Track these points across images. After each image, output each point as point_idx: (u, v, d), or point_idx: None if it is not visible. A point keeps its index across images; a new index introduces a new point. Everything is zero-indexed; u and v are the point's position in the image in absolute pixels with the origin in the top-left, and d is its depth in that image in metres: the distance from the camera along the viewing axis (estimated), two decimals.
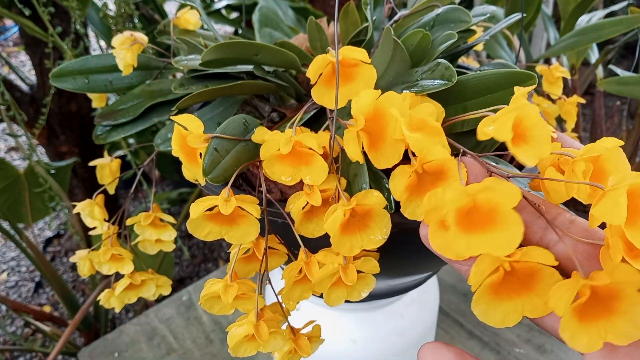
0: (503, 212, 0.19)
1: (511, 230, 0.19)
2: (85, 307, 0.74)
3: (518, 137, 0.20)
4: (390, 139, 0.22)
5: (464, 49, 0.35)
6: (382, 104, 0.22)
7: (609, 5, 0.79)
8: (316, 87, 0.25)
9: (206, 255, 1.47)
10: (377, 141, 0.23)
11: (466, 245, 0.20)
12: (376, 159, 0.23)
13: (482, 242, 0.20)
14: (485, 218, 0.20)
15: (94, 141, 0.37)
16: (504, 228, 0.19)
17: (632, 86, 0.55)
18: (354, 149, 0.23)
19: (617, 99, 0.74)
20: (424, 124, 0.22)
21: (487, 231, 0.20)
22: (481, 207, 0.20)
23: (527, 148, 0.20)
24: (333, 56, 0.24)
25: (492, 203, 0.20)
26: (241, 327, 0.26)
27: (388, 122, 0.22)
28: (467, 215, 0.20)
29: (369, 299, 0.29)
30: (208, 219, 0.25)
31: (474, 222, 0.20)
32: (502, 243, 0.19)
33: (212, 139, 0.26)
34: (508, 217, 0.19)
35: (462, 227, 0.20)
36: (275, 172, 0.25)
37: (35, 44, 0.90)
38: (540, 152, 0.20)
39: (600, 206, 0.19)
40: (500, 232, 0.19)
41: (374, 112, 0.23)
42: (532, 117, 0.20)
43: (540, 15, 0.69)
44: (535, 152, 0.20)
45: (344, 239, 0.24)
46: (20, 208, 0.87)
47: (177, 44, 0.40)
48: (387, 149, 0.22)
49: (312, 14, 0.86)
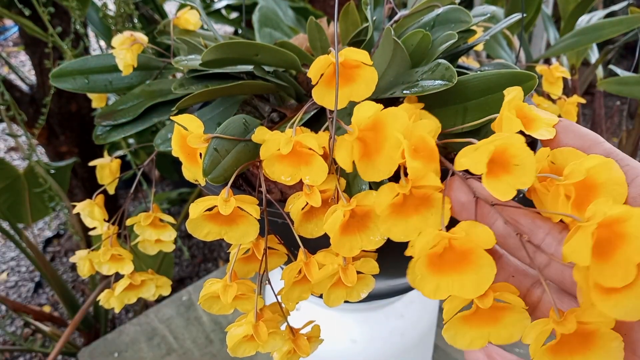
0: (476, 254, 0.20)
1: (482, 272, 0.20)
2: (85, 307, 0.74)
3: (500, 167, 0.20)
4: (386, 154, 0.22)
5: (464, 49, 0.35)
6: (385, 118, 0.22)
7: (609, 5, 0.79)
8: (317, 88, 0.25)
9: (206, 255, 1.47)
10: (372, 153, 0.23)
11: (435, 287, 0.21)
12: (365, 171, 0.23)
13: (452, 284, 0.20)
14: (458, 258, 0.20)
15: (94, 141, 0.37)
16: (476, 270, 0.20)
17: (632, 86, 0.55)
18: (343, 157, 0.23)
19: (617, 99, 0.74)
20: (423, 144, 0.22)
21: (459, 272, 0.20)
22: (455, 248, 0.20)
23: (506, 179, 0.19)
24: (333, 57, 0.24)
25: (466, 246, 0.20)
26: (240, 327, 0.26)
27: (387, 137, 0.22)
28: (440, 257, 0.21)
29: (368, 299, 0.29)
30: (207, 219, 0.25)
31: (447, 261, 0.20)
32: (472, 286, 0.20)
33: (212, 139, 0.26)
34: (480, 260, 0.20)
35: (433, 267, 0.20)
36: (275, 172, 0.25)
37: (35, 44, 0.90)
38: (519, 183, 0.20)
39: (568, 245, 0.18)
40: (471, 275, 0.20)
41: (374, 123, 0.23)
42: (517, 146, 0.20)
43: (540, 15, 0.69)
44: (513, 184, 0.19)
45: (344, 239, 0.24)
46: (20, 208, 0.87)
47: (177, 44, 0.40)
48: (380, 163, 0.22)
49: (312, 14, 0.86)
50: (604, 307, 0.18)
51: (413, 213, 0.22)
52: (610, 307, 0.18)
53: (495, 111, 0.26)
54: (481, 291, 0.20)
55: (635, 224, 0.18)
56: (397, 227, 0.22)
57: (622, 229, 0.18)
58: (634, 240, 0.18)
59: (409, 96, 0.29)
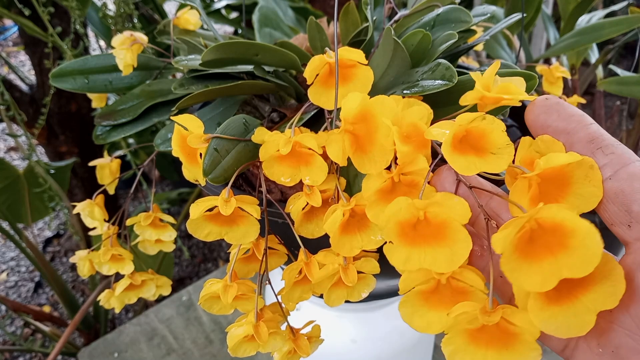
0: (452, 227, 0.19)
1: (457, 247, 0.19)
2: (85, 307, 0.74)
3: (471, 147, 0.19)
4: (379, 143, 0.22)
5: (464, 49, 0.35)
6: (373, 107, 0.22)
7: (609, 5, 0.79)
8: (313, 88, 0.25)
9: (206, 255, 1.47)
10: (365, 145, 0.22)
11: (406, 258, 0.20)
12: (361, 163, 0.22)
13: (424, 256, 0.19)
14: (433, 231, 0.20)
15: (94, 141, 0.37)
16: (450, 244, 0.19)
17: (632, 86, 0.55)
18: (335, 151, 0.22)
19: (617, 99, 0.74)
20: (415, 130, 0.21)
21: (432, 245, 0.19)
22: (431, 221, 0.20)
23: (472, 160, 0.19)
24: (330, 57, 0.24)
25: (440, 218, 0.19)
26: (241, 327, 0.26)
27: (377, 126, 0.22)
28: (414, 228, 0.20)
29: (369, 299, 0.29)
30: (208, 220, 0.25)
31: (421, 233, 0.20)
32: (446, 260, 0.19)
33: (212, 139, 0.26)
34: (456, 234, 0.19)
35: (405, 238, 0.20)
36: (274, 173, 0.25)
37: (34, 43, 0.90)
38: (488, 168, 0.19)
39: (496, 235, 0.17)
40: (445, 248, 0.19)
41: (363, 114, 0.22)
42: (497, 134, 0.19)
43: (540, 15, 0.69)
44: (479, 166, 0.19)
45: (344, 239, 0.24)
46: (20, 208, 0.87)
47: (177, 44, 0.40)
48: (375, 154, 0.22)
49: (312, 14, 0.86)
50: (536, 316, 0.17)
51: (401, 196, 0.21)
52: (544, 319, 0.17)
53: (496, 111, 0.26)
54: (455, 266, 0.19)
55: (581, 239, 0.16)
56: (383, 213, 0.21)
57: (565, 240, 0.17)
58: (572, 253, 0.16)
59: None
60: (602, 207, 0.19)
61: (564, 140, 0.20)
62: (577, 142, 0.20)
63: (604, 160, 0.19)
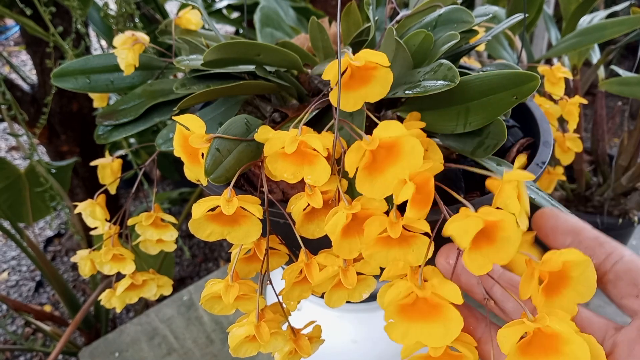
0: (445, 307, 0.22)
1: (450, 325, 0.22)
2: (86, 306, 0.74)
3: (485, 237, 0.21)
4: (387, 178, 0.23)
5: (466, 50, 0.35)
6: (403, 145, 0.22)
7: (611, 6, 0.78)
8: (335, 92, 0.25)
9: (207, 255, 1.47)
10: (374, 170, 0.23)
11: (404, 333, 0.22)
12: (362, 183, 0.23)
13: (420, 332, 0.22)
14: (429, 309, 0.22)
15: (95, 141, 0.37)
16: (444, 323, 0.22)
17: (633, 86, 0.54)
18: (353, 161, 0.23)
19: (619, 100, 0.74)
20: (425, 186, 0.22)
21: (428, 322, 0.22)
22: (428, 300, 0.22)
23: (486, 252, 0.20)
24: (352, 59, 0.24)
25: (436, 300, 0.22)
26: (242, 327, 0.26)
27: (396, 163, 0.23)
28: (412, 305, 0.22)
29: (370, 300, 0.29)
30: (210, 220, 0.25)
31: (418, 310, 0.22)
32: (440, 336, 0.22)
33: (214, 139, 0.26)
34: (449, 313, 0.22)
35: (404, 314, 0.22)
36: (277, 169, 0.25)
37: (36, 43, 0.90)
38: (499, 258, 0.20)
39: (501, 332, 0.21)
40: (439, 326, 0.22)
41: (392, 144, 0.23)
42: (508, 221, 0.20)
43: (542, 16, 0.68)
44: (492, 258, 0.20)
45: (344, 242, 0.24)
46: (21, 207, 0.87)
47: (179, 43, 0.40)
48: (378, 184, 0.23)
49: (313, 14, 0.86)
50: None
51: (396, 245, 0.24)
52: None
53: (498, 112, 0.26)
54: (448, 341, 0.22)
55: (573, 348, 0.20)
56: (379, 254, 0.24)
57: (561, 346, 0.20)
58: (564, 358, 0.20)
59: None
60: (612, 285, 0.23)
61: (572, 239, 0.24)
62: (585, 239, 0.24)
63: (609, 249, 0.23)
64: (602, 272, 0.23)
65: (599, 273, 0.23)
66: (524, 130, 0.38)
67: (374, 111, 0.34)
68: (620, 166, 0.64)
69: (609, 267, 0.23)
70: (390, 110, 0.33)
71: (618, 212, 0.63)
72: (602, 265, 0.23)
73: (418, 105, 0.30)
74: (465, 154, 0.28)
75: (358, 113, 0.27)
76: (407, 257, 0.24)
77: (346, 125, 0.26)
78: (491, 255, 0.20)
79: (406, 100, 0.32)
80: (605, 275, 0.23)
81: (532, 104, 0.39)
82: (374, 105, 0.33)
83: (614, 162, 0.65)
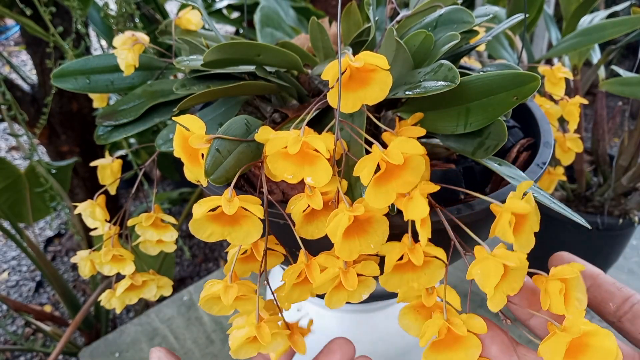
0: (468, 337, 0.25)
1: (470, 352, 0.25)
2: (86, 307, 0.74)
3: None
4: (390, 188, 0.24)
5: (467, 50, 0.35)
6: (411, 161, 0.24)
7: (611, 6, 0.78)
8: (333, 92, 0.25)
9: (207, 255, 1.47)
10: (382, 179, 0.24)
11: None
12: (373, 192, 0.24)
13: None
14: (454, 339, 0.25)
15: (95, 141, 0.37)
16: (465, 350, 0.25)
17: (634, 87, 0.54)
18: (369, 171, 0.23)
19: (619, 100, 0.74)
20: None
21: (453, 351, 0.25)
22: (453, 333, 0.25)
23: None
24: (352, 60, 0.24)
25: (459, 334, 0.25)
26: (243, 329, 0.26)
27: (401, 175, 0.24)
28: (442, 339, 0.25)
29: (370, 300, 0.29)
30: (210, 220, 0.25)
31: (446, 342, 0.25)
32: None
33: (214, 139, 0.26)
34: (471, 341, 0.25)
35: (434, 348, 0.25)
36: (278, 169, 0.25)
37: (36, 43, 0.90)
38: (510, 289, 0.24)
39: (544, 348, 0.23)
40: (461, 352, 0.25)
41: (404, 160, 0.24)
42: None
43: (542, 16, 0.68)
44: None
45: (345, 244, 0.24)
46: (21, 207, 0.87)
47: (179, 44, 0.40)
48: (382, 193, 0.24)
49: (314, 14, 0.86)
50: None
51: (409, 270, 0.26)
52: None
53: (498, 112, 0.26)
54: None
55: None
56: (393, 278, 0.26)
57: None
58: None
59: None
60: (630, 323, 0.26)
61: (591, 283, 0.27)
62: (604, 283, 0.27)
63: (627, 293, 0.26)
64: (621, 314, 0.25)
65: (617, 314, 0.26)
66: (525, 131, 0.38)
67: (374, 112, 0.34)
68: (620, 166, 0.64)
69: (628, 308, 0.25)
70: (390, 111, 0.33)
71: (618, 212, 0.63)
72: (621, 308, 0.25)
73: (418, 105, 0.30)
74: (465, 154, 0.28)
75: (358, 114, 0.27)
76: (420, 280, 0.26)
77: (347, 126, 0.26)
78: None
79: (406, 101, 0.32)
80: (625, 316, 0.25)
81: (532, 105, 0.39)
82: (374, 106, 0.33)
83: (615, 162, 0.65)
